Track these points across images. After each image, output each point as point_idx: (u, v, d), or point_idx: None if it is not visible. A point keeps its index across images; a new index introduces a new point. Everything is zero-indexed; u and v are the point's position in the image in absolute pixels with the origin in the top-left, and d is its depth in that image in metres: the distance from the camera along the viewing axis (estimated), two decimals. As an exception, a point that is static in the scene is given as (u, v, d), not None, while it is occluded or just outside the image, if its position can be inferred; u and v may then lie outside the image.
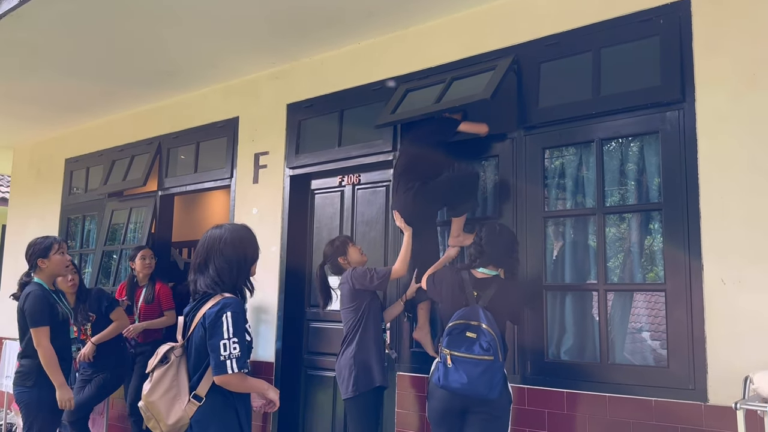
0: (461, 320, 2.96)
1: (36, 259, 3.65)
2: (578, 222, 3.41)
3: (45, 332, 3.49)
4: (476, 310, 2.96)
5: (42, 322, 3.50)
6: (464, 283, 3.09)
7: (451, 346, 2.93)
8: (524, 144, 3.53)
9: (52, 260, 3.67)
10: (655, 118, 3.11)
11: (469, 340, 2.91)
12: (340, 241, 3.79)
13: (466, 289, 3.06)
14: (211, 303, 2.30)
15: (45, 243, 3.69)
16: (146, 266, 5.05)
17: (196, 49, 4.58)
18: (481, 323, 2.92)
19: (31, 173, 7.36)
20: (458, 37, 3.89)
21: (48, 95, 5.70)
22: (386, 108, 3.97)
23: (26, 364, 3.56)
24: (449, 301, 3.10)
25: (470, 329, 2.92)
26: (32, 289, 3.58)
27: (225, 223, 2.48)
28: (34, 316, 3.49)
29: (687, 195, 2.97)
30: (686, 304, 2.93)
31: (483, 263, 3.12)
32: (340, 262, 3.70)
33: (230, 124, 5.18)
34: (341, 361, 3.56)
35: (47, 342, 3.48)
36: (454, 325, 2.96)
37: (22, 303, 3.57)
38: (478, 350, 2.88)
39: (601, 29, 3.32)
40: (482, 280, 3.10)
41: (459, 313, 2.98)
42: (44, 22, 4.12)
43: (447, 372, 2.90)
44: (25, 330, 3.56)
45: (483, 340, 2.89)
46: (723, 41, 2.96)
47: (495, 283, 3.08)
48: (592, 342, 3.28)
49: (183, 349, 2.36)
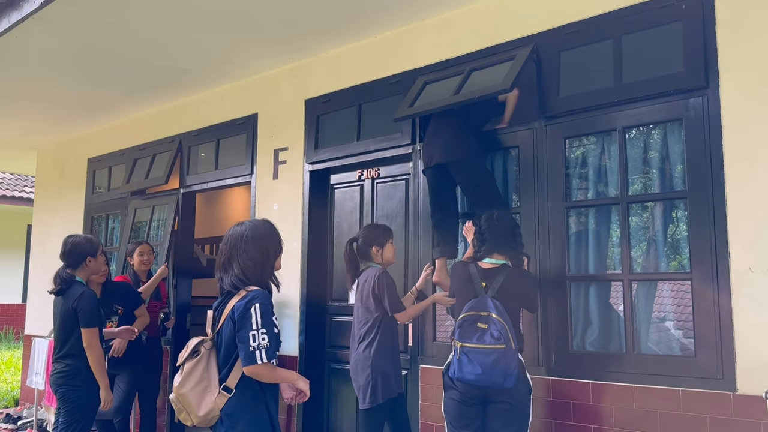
0: (471, 312, 2.98)
1: (86, 257, 3.73)
2: (601, 211, 3.38)
3: (96, 333, 3.58)
4: (485, 300, 2.98)
5: (95, 323, 3.58)
6: (471, 275, 3.11)
7: (462, 338, 2.95)
8: (545, 134, 3.51)
9: (99, 260, 3.85)
10: (679, 105, 3.07)
11: (480, 330, 2.93)
12: (384, 229, 3.72)
13: (474, 281, 3.08)
14: (239, 296, 2.33)
15: (95, 243, 3.81)
16: (144, 262, 5.03)
17: (214, 46, 4.61)
18: (491, 313, 2.94)
19: (55, 173, 7.48)
20: (476, 28, 3.87)
21: (70, 96, 5.78)
22: (405, 101, 3.96)
23: (73, 364, 3.58)
24: (460, 294, 3.14)
25: (481, 320, 2.94)
26: (84, 290, 3.65)
27: (246, 220, 2.51)
28: (88, 316, 3.56)
29: (712, 182, 2.93)
30: (713, 293, 2.90)
31: (487, 252, 3.15)
32: (373, 251, 3.63)
33: (249, 120, 5.21)
34: (357, 363, 3.53)
35: (98, 343, 3.57)
36: (464, 317, 2.98)
37: (73, 302, 3.58)
38: (490, 340, 2.89)
39: (622, 16, 3.27)
40: (489, 270, 3.11)
41: (468, 305, 3.01)
42: (64, 24, 4.18)
43: (461, 364, 2.92)
44: (71, 329, 3.59)
45: (494, 330, 2.90)
46: (747, 25, 2.91)
47: (503, 272, 3.09)
48: (617, 332, 3.26)
49: (213, 342, 2.39)
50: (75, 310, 3.58)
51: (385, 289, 3.48)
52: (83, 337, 3.56)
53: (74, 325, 3.58)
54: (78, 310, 3.57)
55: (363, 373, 3.48)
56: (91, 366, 3.55)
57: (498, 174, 3.77)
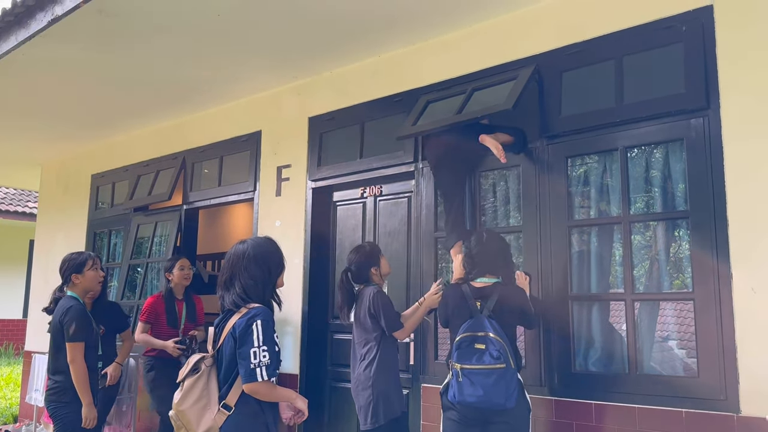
0: (468, 333, 2.95)
1: (71, 274, 3.72)
2: (603, 231, 3.39)
3: (81, 348, 3.54)
4: (481, 320, 2.96)
5: (80, 337, 3.54)
6: (465, 295, 3.09)
7: (461, 359, 2.91)
8: (547, 153, 3.53)
9: (86, 276, 3.74)
10: (680, 125, 3.09)
11: (478, 351, 2.90)
12: (372, 247, 3.68)
13: (468, 301, 3.06)
14: (240, 313, 2.33)
15: (80, 259, 3.76)
16: (184, 276, 4.85)
17: (220, 64, 4.65)
18: (488, 333, 2.92)
19: (59, 189, 7.52)
20: (478, 48, 3.90)
21: (75, 113, 5.83)
22: (407, 120, 3.99)
23: (62, 380, 3.57)
24: (454, 316, 3.10)
25: (478, 341, 2.92)
26: (72, 304, 3.62)
27: (249, 238, 2.51)
28: (73, 331, 3.53)
29: (714, 202, 2.94)
30: (716, 313, 2.89)
31: (479, 274, 3.14)
32: (372, 273, 3.59)
33: (253, 137, 5.24)
34: (358, 383, 3.50)
35: (81, 358, 3.53)
36: (461, 338, 2.95)
37: (60, 317, 3.59)
38: (489, 360, 2.87)
39: (623, 37, 3.31)
40: (483, 289, 3.10)
41: (465, 326, 2.99)
42: (70, 42, 4.22)
43: (461, 387, 2.89)
44: (60, 344, 3.59)
45: (492, 349, 2.89)
46: (747, 48, 2.94)
47: (496, 291, 3.07)
48: (620, 352, 3.25)
49: (213, 359, 2.39)
50: (61, 324, 3.57)
51: (381, 309, 3.45)
52: (67, 351, 3.53)
53: (63, 340, 3.56)
54: (64, 324, 3.56)
55: (364, 393, 3.45)
56: (74, 381, 3.51)
57: (500, 192, 3.79)
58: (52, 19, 3.83)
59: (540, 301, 3.40)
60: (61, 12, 3.78)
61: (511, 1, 3.63)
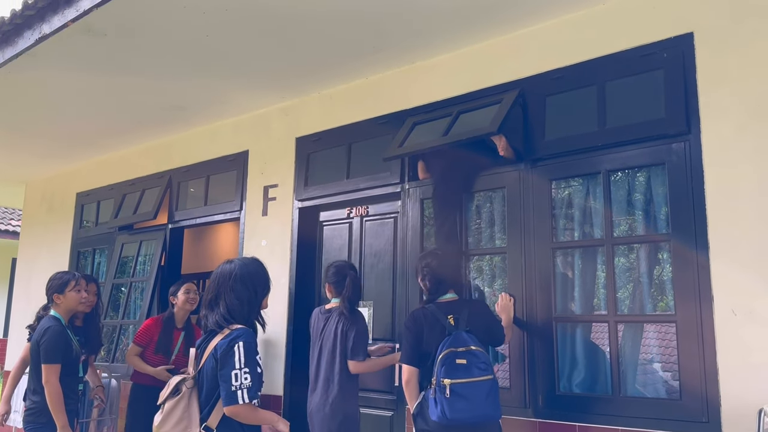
0: (450, 349, 2.91)
1: (52, 294, 3.68)
2: (587, 253, 3.41)
3: (56, 370, 3.49)
4: (460, 335, 2.95)
5: (55, 359, 3.49)
6: (436, 314, 3.06)
7: (449, 375, 2.86)
8: (531, 176, 3.56)
9: (68, 296, 3.70)
10: (662, 150, 3.14)
11: (461, 366, 2.88)
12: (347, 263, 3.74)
13: (440, 319, 3.03)
14: (222, 334, 2.31)
15: (63, 279, 3.72)
16: (189, 301, 4.61)
17: (208, 85, 4.67)
18: (470, 346, 2.92)
19: (43, 207, 7.45)
20: (464, 72, 3.96)
21: (61, 131, 5.81)
22: (394, 141, 4.02)
23: (38, 401, 3.52)
24: (430, 336, 3.03)
25: (458, 356, 2.89)
26: (51, 324, 3.57)
27: (236, 258, 2.50)
28: (49, 352, 3.48)
29: (695, 226, 2.98)
30: (697, 336, 2.91)
31: (443, 291, 3.16)
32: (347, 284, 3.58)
33: (240, 157, 5.24)
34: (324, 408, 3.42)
35: (56, 380, 3.47)
36: (444, 355, 2.90)
37: (38, 337, 3.55)
38: (477, 372, 2.87)
39: (606, 63, 3.37)
40: (450, 303, 3.11)
41: (445, 342, 2.94)
42: (57, 60, 4.23)
43: (451, 403, 2.83)
44: (38, 364, 3.54)
45: (478, 362, 2.89)
46: (726, 74, 3.00)
47: (465, 305, 3.10)
48: (603, 374, 3.26)
49: (194, 381, 2.36)
50: (38, 344, 3.53)
51: (355, 332, 3.42)
52: (43, 372, 3.47)
53: (39, 360, 3.52)
54: (41, 345, 3.51)
55: (328, 419, 3.39)
56: (48, 403, 3.44)
57: (485, 214, 3.81)
58: (39, 37, 3.83)
59: (524, 322, 3.41)
60: (48, 30, 3.78)
61: (495, 27, 3.69)
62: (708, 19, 3.08)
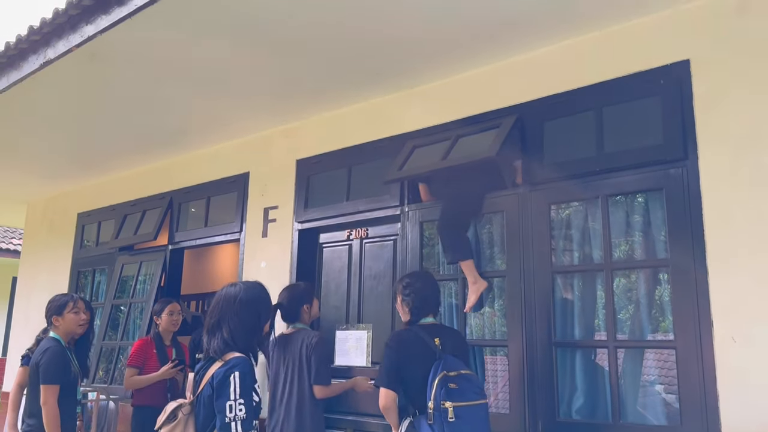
0: (443, 372, 2.85)
1: (51, 317, 3.69)
2: (586, 278, 3.41)
3: (54, 391, 3.47)
4: (450, 359, 2.93)
5: (54, 380, 3.48)
6: (423, 338, 3.01)
7: (450, 398, 2.80)
8: (530, 199, 3.58)
9: (66, 318, 3.70)
10: (659, 175, 3.15)
11: (454, 391, 2.83)
12: (307, 286, 3.77)
13: (427, 342, 2.98)
14: (221, 362, 2.31)
15: (61, 301, 3.73)
16: (173, 323, 4.72)
17: (209, 109, 4.71)
18: (461, 370, 2.90)
19: (44, 227, 7.47)
20: (463, 96, 3.99)
21: (63, 153, 5.86)
22: (394, 164, 4.04)
23: (34, 423, 3.51)
24: (416, 361, 2.96)
25: (450, 380, 2.85)
26: (50, 345, 3.58)
27: (239, 282, 2.50)
28: (48, 373, 3.48)
29: (694, 252, 2.98)
30: (697, 362, 2.90)
31: (425, 313, 3.13)
32: (303, 311, 3.66)
33: (240, 179, 5.27)
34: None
35: (54, 402, 3.45)
36: (441, 378, 2.84)
37: (38, 358, 3.55)
38: (474, 396, 2.85)
39: (603, 89, 3.40)
40: (432, 327, 3.09)
41: (437, 366, 2.88)
42: (62, 84, 4.27)
43: (454, 427, 2.77)
44: (36, 386, 3.52)
45: (472, 386, 2.87)
46: (723, 100, 3.03)
47: (445, 330, 3.12)
48: (603, 400, 3.24)
49: (191, 407, 2.35)
50: (38, 365, 3.52)
51: (318, 357, 3.42)
52: (41, 393, 3.46)
53: (38, 382, 3.50)
54: (39, 366, 3.50)
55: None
56: (45, 425, 3.42)
57: (484, 238, 3.82)
58: (44, 62, 3.88)
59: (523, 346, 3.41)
60: (53, 56, 3.83)
61: (494, 53, 3.73)
62: (704, 46, 3.11)
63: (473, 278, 3.62)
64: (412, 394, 2.98)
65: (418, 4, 3.24)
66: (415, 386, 2.94)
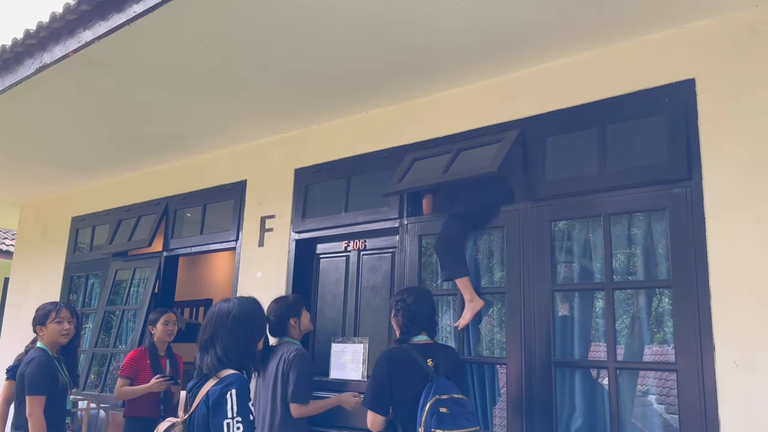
0: (436, 396, 2.75)
1: (36, 326, 3.63)
2: (586, 296, 3.37)
3: (40, 402, 3.40)
4: (442, 381, 2.81)
5: (40, 390, 3.40)
6: (414, 357, 2.90)
7: (441, 425, 2.70)
8: (530, 216, 3.53)
9: (48, 328, 3.63)
10: (662, 195, 3.12)
11: (445, 416, 2.73)
12: (295, 299, 3.60)
13: (419, 361, 2.88)
14: (215, 380, 2.25)
15: (45, 310, 3.67)
16: (168, 333, 4.64)
17: (208, 115, 4.66)
18: (453, 394, 2.80)
19: (37, 230, 7.39)
20: (465, 109, 3.95)
21: (57, 156, 5.78)
22: (394, 176, 4.00)
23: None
24: (407, 382, 2.87)
25: (442, 404, 2.75)
26: (36, 355, 3.51)
27: (233, 297, 2.45)
28: (33, 383, 3.41)
29: (696, 273, 2.94)
30: (698, 386, 2.86)
31: (418, 331, 3.02)
32: (291, 325, 3.51)
33: (238, 187, 5.21)
34: None
35: (40, 413, 3.37)
36: (433, 402, 2.75)
37: (23, 369, 3.49)
38: (466, 423, 2.75)
39: (607, 106, 3.36)
40: (425, 346, 2.97)
41: (429, 389, 2.78)
42: (58, 89, 4.21)
43: None
44: (23, 397, 3.46)
45: (466, 411, 2.77)
46: (729, 120, 3.00)
47: (440, 349, 2.99)
48: (602, 422, 3.19)
49: (184, 426, 2.30)
50: (23, 376, 3.45)
51: (297, 372, 3.24)
52: (27, 404, 3.38)
53: (24, 393, 3.43)
54: (24, 376, 3.43)
55: None
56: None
57: (484, 253, 3.77)
58: (40, 66, 3.82)
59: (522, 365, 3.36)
60: (49, 60, 3.77)
61: (498, 66, 3.69)
62: (710, 65, 3.08)
63: (470, 296, 3.58)
64: (401, 417, 2.89)
65: (420, 18, 3.20)
66: (405, 408, 2.85)
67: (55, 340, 3.69)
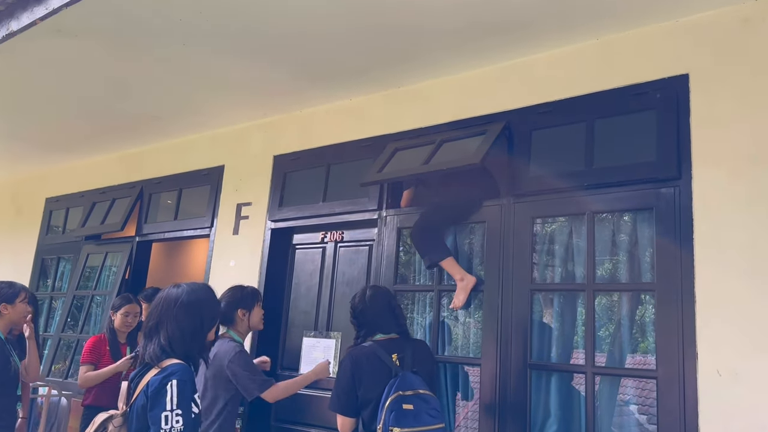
0: (397, 393, 2.64)
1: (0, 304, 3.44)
2: (567, 297, 3.23)
3: None
4: (407, 377, 2.69)
5: None
6: (378, 353, 2.77)
7: (399, 423, 2.58)
8: (513, 211, 3.39)
9: (17, 307, 3.49)
10: (650, 194, 2.98)
11: (408, 412, 2.60)
12: (253, 291, 3.30)
13: (382, 357, 2.75)
14: (157, 369, 2.08)
15: (14, 288, 3.51)
16: (126, 324, 4.40)
17: (186, 96, 4.48)
18: (418, 390, 2.67)
19: (11, 210, 7.18)
20: (450, 99, 3.81)
21: (30, 133, 5.57)
22: (374, 166, 3.84)
23: None
24: (372, 380, 2.74)
25: (405, 401, 2.62)
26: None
27: (184, 283, 2.28)
28: None
29: (682, 277, 2.81)
30: (679, 394, 2.73)
31: (368, 335, 2.88)
32: (238, 316, 3.20)
33: (215, 172, 5.04)
34: None
35: None
36: (393, 399, 2.63)
37: None
38: (429, 419, 2.62)
39: (596, 100, 3.23)
40: (390, 342, 2.84)
41: (391, 386, 2.66)
42: (29, 59, 4.02)
43: None
44: None
45: (428, 408, 2.64)
46: (721, 119, 2.87)
47: (407, 343, 2.85)
48: (578, 429, 3.05)
49: (123, 419, 2.13)
50: None
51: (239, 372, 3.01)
52: None
53: None
54: None
55: None
56: None
57: (463, 248, 3.63)
58: (6, 34, 3.63)
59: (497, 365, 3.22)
60: (16, 28, 3.57)
61: (484, 56, 3.55)
62: (704, 61, 2.95)
63: (460, 275, 3.41)
64: (365, 415, 2.75)
65: (406, 4, 3.04)
66: (369, 408, 2.73)
67: (18, 320, 3.55)
